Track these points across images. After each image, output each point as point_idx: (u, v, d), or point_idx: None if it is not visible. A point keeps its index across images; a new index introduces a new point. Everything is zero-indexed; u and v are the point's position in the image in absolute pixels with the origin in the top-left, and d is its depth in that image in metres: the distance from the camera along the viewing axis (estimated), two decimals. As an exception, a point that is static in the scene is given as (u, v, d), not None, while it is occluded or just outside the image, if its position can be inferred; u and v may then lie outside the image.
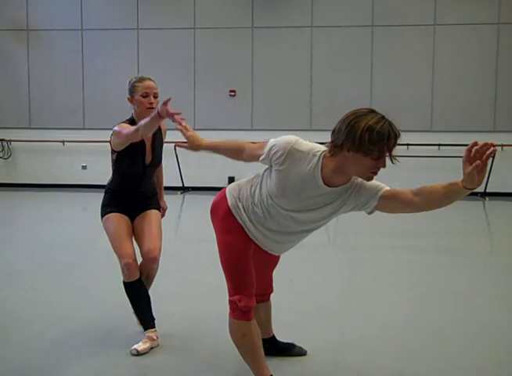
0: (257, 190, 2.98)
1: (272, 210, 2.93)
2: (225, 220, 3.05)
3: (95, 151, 12.18)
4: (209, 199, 3.25)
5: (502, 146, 11.34)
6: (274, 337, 3.61)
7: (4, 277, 5.46)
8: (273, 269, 3.41)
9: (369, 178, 2.72)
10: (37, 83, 12.47)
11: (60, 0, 12.55)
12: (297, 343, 3.66)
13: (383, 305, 4.65)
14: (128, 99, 3.74)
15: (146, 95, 3.67)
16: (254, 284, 3.03)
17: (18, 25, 12.55)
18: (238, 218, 3.02)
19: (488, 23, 11.48)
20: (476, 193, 11.41)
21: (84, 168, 12.14)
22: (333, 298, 4.85)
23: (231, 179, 11.67)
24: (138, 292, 3.67)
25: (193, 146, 3.11)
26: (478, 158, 2.45)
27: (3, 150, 12.70)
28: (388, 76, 11.75)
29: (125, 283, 3.65)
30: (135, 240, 3.82)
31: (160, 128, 3.87)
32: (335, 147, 2.65)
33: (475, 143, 2.47)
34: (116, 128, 3.61)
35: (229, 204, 3.04)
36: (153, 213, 3.87)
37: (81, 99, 12.12)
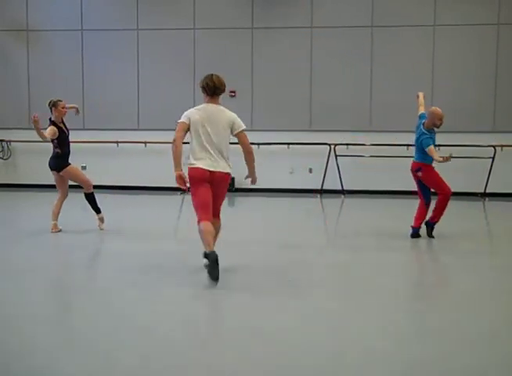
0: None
1: None
2: None
3: (95, 151, 12.19)
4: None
5: (502, 146, 11.34)
6: None
7: (4, 277, 5.46)
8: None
9: None
10: (37, 83, 12.47)
11: (60, 0, 12.56)
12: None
13: (382, 305, 4.65)
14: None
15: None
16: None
17: (18, 25, 12.56)
18: None
19: (487, 24, 11.49)
20: (476, 194, 11.42)
21: (83, 168, 12.07)
22: (333, 298, 4.85)
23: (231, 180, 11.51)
24: (92, 198, 7.69)
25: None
26: None
27: (3, 150, 12.70)
28: (388, 76, 11.76)
29: (87, 194, 7.77)
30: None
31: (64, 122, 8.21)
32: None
33: None
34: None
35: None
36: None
37: (80, 100, 12.09)
